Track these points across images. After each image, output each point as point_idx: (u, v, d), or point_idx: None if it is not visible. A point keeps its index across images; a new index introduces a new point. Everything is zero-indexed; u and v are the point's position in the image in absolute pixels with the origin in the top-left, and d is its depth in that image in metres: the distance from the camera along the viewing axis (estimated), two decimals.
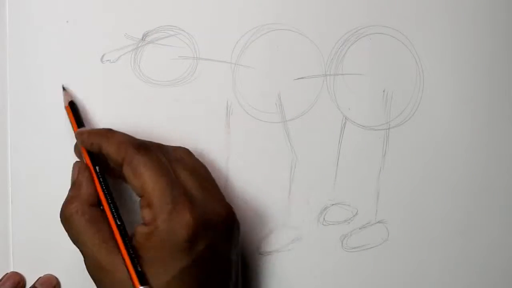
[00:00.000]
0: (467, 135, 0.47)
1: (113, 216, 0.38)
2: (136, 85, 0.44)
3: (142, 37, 0.44)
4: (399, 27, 0.45)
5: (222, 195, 0.40)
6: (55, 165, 0.44)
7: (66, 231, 0.39)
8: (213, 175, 0.44)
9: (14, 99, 0.43)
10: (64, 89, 0.43)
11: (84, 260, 0.38)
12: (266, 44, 0.44)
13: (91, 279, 0.44)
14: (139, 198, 0.38)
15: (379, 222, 0.46)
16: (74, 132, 0.41)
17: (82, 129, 0.41)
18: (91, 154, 0.40)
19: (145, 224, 0.37)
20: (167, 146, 0.41)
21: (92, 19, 0.43)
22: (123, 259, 0.37)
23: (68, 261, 0.44)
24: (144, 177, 0.37)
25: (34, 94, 0.43)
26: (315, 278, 0.46)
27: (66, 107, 0.43)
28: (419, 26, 0.45)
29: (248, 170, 0.45)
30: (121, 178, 0.39)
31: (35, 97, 0.43)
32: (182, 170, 0.39)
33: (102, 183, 0.39)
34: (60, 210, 0.39)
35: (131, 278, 0.36)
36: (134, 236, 0.37)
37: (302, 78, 0.45)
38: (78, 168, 0.40)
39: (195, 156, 0.41)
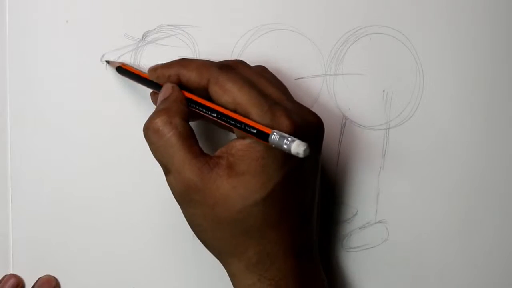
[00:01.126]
0: (467, 135, 0.47)
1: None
2: (136, 84, 0.44)
3: (142, 37, 0.44)
4: (399, 27, 0.45)
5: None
6: (55, 165, 0.44)
7: (151, 143, 0.37)
8: None
9: (14, 100, 0.43)
10: (108, 62, 0.43)
11: (168, 177, 0.37)
12: (266, 44, 0.44)
13: (91, 279, 0.45)
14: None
15: (379, 222, 0.46)
16: (147, 73, 0.40)
17: (152, 66, 0.40)
18: None
19: (243, 137, 0.36)
20: (246, 62, 0.40)
21: (92, 19, 0.43)
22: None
23: (68, 261, 0.44)
24: (234, 91, 0.36)
25: (34, 94, 0.43)
26: None
27: (121, 66, 0.42)
28: (419, 26, 0.45)
29: None
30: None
31: (35, 97, 0.43)
32: (267, 83, 0.38)
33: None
34: (146, 122, 0.37)
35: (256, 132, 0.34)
36: (230, 150, 0.36)
37: (302, 78, 0.45)
38: (172, 87, 0.38)
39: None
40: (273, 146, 0.33)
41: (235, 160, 0.36)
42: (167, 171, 0.37)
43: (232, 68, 0.38)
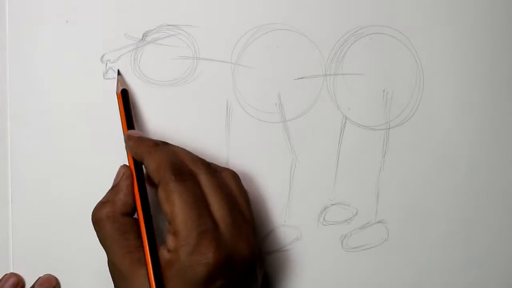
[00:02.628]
0: (467, 134, 0.47)
1: (147, 229, 0.38)
2: (136, 85, 0.44)
3: (142, 37, 0.44)
4: (399, 27, 0.45)
5: (253, 229, 0.40)
6: (55, 165, 0.44)
7: (95, 230, 0.39)
8: None
9: (14, 99, 0.43)
10: (119, 73, 0.43)
11: (108, 262, 0.39)
12: (266, 44, 0.44)
13: (91, 279, 0.45)
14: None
15: (379, 222, 0.46)
16: (122, 123, 0.42)
17: (131, 133, 0.41)
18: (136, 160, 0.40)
19: (168, 250, 0.37)
20: (213, 166, 0.41)
21: (92, 19, 0.43)
22: (147, 271, 0.37)
23: (68, 261, 0.44)
24: (175, 206, 0.37)
25: (34, 94, 0.43)
26: (314, 278, 0.46)
27: (118, 95, 0.43)
28: (419, 26, 0.45)
29: (248, 170, 0.45)
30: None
31: (35, 97, 0.43)
32: (219, 199, 0.38)
33: (142, 194, 0.39)
34: (93, 209, 0.40)
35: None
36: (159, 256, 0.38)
37: (302, 78, 0.45)
38: (123, 173, 0.40)
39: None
40: None
41: (162, 267, 0.37)
42: (107, 257, 0.39)
43: (186, 179, 0.38)
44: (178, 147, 0.41)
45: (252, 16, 0.44)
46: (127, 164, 0.41)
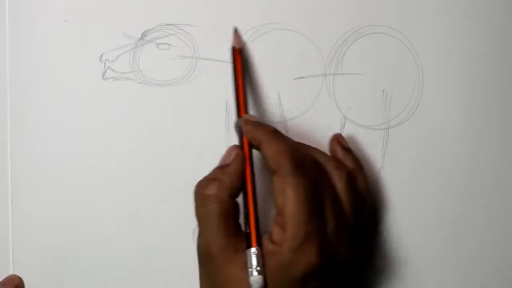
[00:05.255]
0: (467, 134, 0.46)
1: (255, 216, 0.38)
2: (135, 84, 0.44)
3: (141, 36, 0.44)
4: (399, 27, 0.45)
5: (355, 234, 0.40)
6: (55, 165, 0.44)
7: (196, 204, 0.38)
8: None
9: (14, 100, 0.43)
10: (236, 31, 0.43)
11: (198, 239, 0.38)
12: (265, 44, 0.44)
13: (91, 279, 0.45)
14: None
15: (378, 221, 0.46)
16: (237, 80, 0.41)
17: (248, 117, 0.40)
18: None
19: (272, 241, 0.37)
20: (331, 163, 0.40)
21: (90, 18, 0.43)
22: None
23: (68, 261, 0.44)
24: (288, 200, 0.36)
25: (34, 94, 0.43)
26: None
27: (235, 49, 0.42)
28: (419, 25, 0.45)
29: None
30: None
31: (35, 97, 0.43)
32: (331, 201, 0.38)
33: (253, 179, 0.39)
34: (199, 182, 0.39)
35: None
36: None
37: (301, 77, 0.45)
38: (236, 155, 0.39)
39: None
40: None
41: (262, 256, 0.36)
42: (199, 233, 0.38)
43: (305, 175, 0.37)
44: (295, 141, 0.40)
45: (251, 16, 0.44)
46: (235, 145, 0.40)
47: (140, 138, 0.44)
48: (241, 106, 0.41)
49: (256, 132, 0.39)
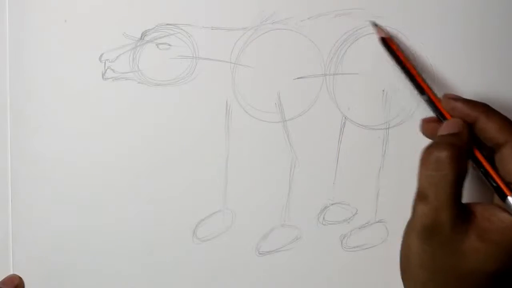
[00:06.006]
0: None
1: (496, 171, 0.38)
2: (135, 84, 0.44)
3: (141, 36, 0.44)
4: (399, 27, 0.45)
5: None
6: (55, 165, 0.44)
7: (425, 169, 0.37)
8: (213, 175, 0.44)
9: (14, 100, 0.43)
10: (375, 25, 0.43)
11: (421, 205, 0.37)
12: (265, 44, 0.44)
13: (91, 279, 0.45)
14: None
15: (378, 221, 0.46)
16: (403, 63, 0.42)
17: (450, 95, 0.41)
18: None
19: (508, 211, 0.36)
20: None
21: (90, 18, 0.43)
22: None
23: (68, 261, 0.44)
24: None
25: (34, 94, 0.43)
26: (314, 277, 0.46)
27: (386, 38, 0.43)
28: (419, 26, 0.45)
29: (248, 170, 0.45)
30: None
31: (35, 97, 0.43)
32: None
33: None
34: (429, 146, 0.38)
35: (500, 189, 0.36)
36: (490, 216, 0.37)
37: (301, 77, 0.45)
38: (463, 125, 0.39)
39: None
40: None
41: (491, 228, 0.36)
42: (424, 200, 0.37)
43: None
44: None
45: (251, 16, 0.44)
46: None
47: (140, 138, 0.44)
48: (425, 87, 0.41)
49: (469, 108, 0.39)
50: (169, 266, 0.45)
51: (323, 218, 0.46)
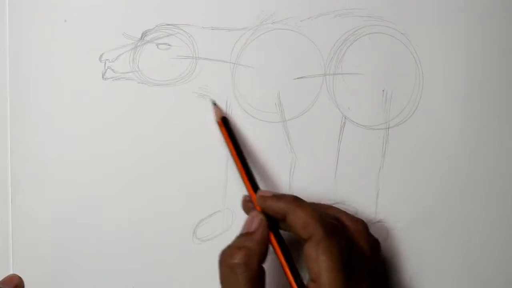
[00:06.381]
0: (466, 134, 0.46)
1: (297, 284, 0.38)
2: (135, 84, 0.44)
3: (141, 36, 0.44)
4: (399, 27, 0.45)
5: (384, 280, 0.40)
6: (55, 165, 0.44)
7: (222, 274, 0.38)
8: (213, 175, 0.44)
9: (14, 99, 0.43)
10: (214, 104, 0.43)
11: None
12: (265, 44, 0.44)
13: (91, 279, 0.45)
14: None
15: (378, 221, 0.46)
16: (228, 146, 0.42)
17: (262, 193, 0.40)
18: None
19: None
20: (345, 216, 0.41)
21: (90, 18, 0.43)
22: None
23: (68, 261, 0.44)
24: (323, 267, 0.37)
25: (34, 94, 0.43)
26: None
27: (218, 122, 0.43)
28: (419, 25, 0.45)
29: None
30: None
31: (35, 97, 0.43)
32: (361, 259, 0.39)
33: (282, 245, 0.39)
34: (224, 251, 0.38)
35: None
36: None
37: (301, 77, 0.45)
38: (259, 222, 0.39)
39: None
40: None
41: None
42: None
43: (337, 237, 0.38)
44: (312, 202, 0.41)
45: (251, 16, 0.44)
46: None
47: (140, 137, 0.44)
48: (247, 185, 0.41)
49: (278, 205, 0.39)
50: (169, 266, 0.45)
51: None
